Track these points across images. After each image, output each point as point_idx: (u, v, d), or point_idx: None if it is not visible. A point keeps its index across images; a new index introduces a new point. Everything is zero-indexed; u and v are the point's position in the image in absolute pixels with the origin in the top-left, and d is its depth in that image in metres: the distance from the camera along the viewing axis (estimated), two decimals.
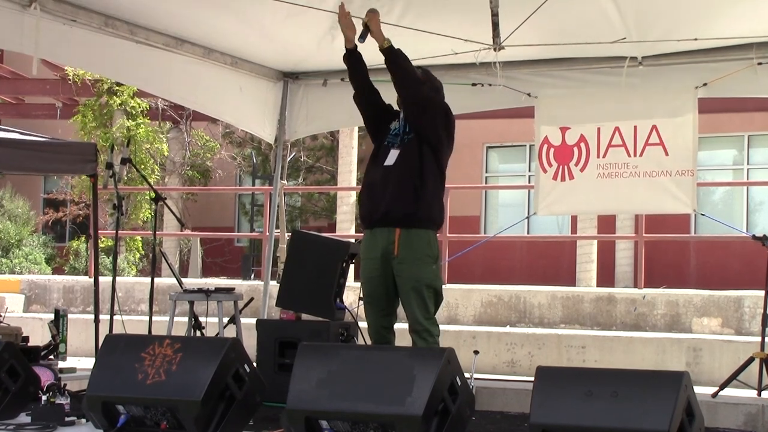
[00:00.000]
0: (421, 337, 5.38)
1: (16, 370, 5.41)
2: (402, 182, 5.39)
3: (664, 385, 3.89)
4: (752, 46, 6.72)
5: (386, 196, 5.40)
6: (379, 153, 5.56)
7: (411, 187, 5.38)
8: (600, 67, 7.24)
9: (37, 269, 16.00)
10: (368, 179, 5.58)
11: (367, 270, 5.52)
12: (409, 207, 5.38)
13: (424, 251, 5.41)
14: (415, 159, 5.42)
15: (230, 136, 19.00)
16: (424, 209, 5.41)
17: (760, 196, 16.72)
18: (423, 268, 5.40)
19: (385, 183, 5.42)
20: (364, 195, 5.61)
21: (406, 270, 5.38)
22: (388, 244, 5.41)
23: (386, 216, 5.40)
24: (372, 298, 5.51)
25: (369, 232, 5.52)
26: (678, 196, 7.15)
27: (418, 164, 5.41)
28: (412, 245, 5.38)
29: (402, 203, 5.37)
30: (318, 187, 18.89)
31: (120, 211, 7.42)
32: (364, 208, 5.59)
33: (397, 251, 5.38)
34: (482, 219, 17.95)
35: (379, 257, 5.44)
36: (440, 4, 6.36)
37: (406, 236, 5.38)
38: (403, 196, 5.37)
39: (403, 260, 5.38)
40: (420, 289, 5.38)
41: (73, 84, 16.02)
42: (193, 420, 4.53)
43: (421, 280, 5.38)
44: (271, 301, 7.99)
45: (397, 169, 5.41)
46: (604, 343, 8.14)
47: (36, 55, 6.09)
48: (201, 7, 6.69)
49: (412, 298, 5.38)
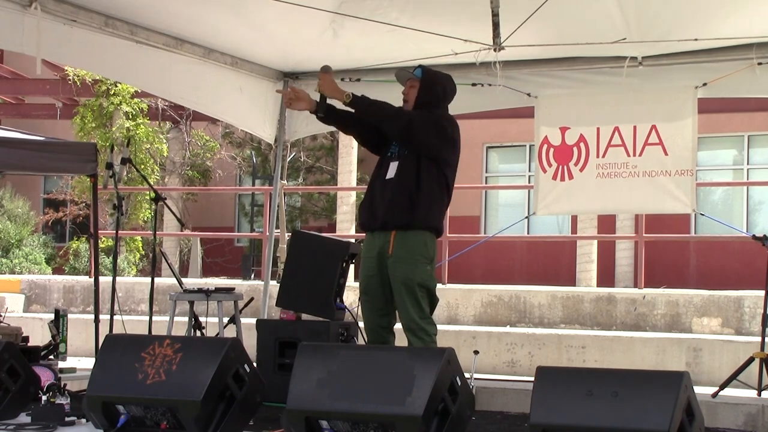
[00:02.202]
0: (417, 336, 5.38)
1: (16, 370, 5.41)
2: (398, 193, 5.45)
3: (664, 385, 3.89)
4: (752, 46, 6.73)
5: (383, 206, 5.48)
6: (381, 165, 5.62)
7: (407, 197, 5.43)
8: (600, 67, 7.25)
9: (37, 269, 15.99)
10: (370, 191, 5.65)
11: (365, 268, 5.59)
12: (406, 215, 5.43)
13: (419, 251, 5.44)
14: (412, 170, 5.47)
15: (230, 137, 19.00)
16: (421, 216, 5.44)
17: (760, 196, 16.71)
18: (416, 267, 5.42)
19: (383, 195, 5.51)
20: (365, 206, 5.66)
21: (399, 268, 5.42)
22: (384, 243, 5.47)
23: (384, 225, 5.49)
24: (368, 296, 5.56)
25: (369, 234, 5.63)
26: (678, 196, 7.15)
27: (415, 175, 5.46)
28: (407, 245, 5.43)
29: (398, 212, 5.43)
30: (318, 187, 18.89)
31: (120, 211, 7.41)
32: (362, 217, 5.68)
33: (391, 250, 5.43)
34: (482, 219, 17.94)
35: (375, 256, 5.50)
36: (440, 4, 6.36)
37: (402, 237, 5.44)
38: (399, 205, 5.44)
39: (396, 259, 5.43)
40: (412, 288, 5.40)
41: (73, 84, 16.02)
42: (193, 420, 4.53)
43: (413, 279, 5.40)
44: (271, 301, 7.99)
45: (395, 182, 5.48)
46: (604, 343, 8.14)
47: (36, 55, 6.09)
48: (201, 7, 6.69)
49: (405, 296, 5.41)
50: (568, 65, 7.33)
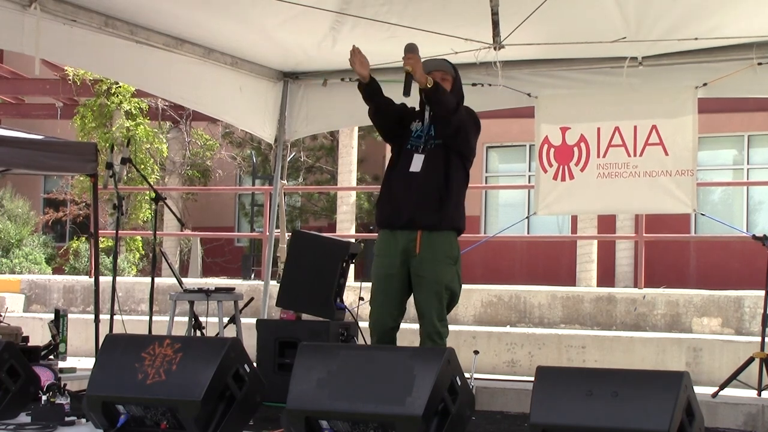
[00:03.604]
0: (432, 339, 5.36)
1: (16, 370, 5.41)
2: (427, 191, 5.35)
3: (664, 385, 3.89)
4: (752, 46, 6.72)
5: (410, 204, 5.36)
6: (400, 156, 5.48)
7: (436, 196, 5.36)
8: (600, 67, 7.24)
9: (37, 269, 15.99)
10: (390, 183, 5.50)
11: (384, 267, 5.45)
12: (433, 216, 5.36)
13: (445, 252, 5.40)
14: (441, 166, 5.39)
15: (230, 136, 19.01)
16: (447, 218, 5.40)
17: (760, 196, 16.71)
18: (443, 269, 5.38)
19: (408, 190, 5.38)
20: (384, 200, 5.52)
21: (427, 270, 5.36)
22: (408, 242, 5.37)
23: (409, 223, 5.38)
24: (386, 296, 5.44)
25: (388, 232, 5.47)
26: (678, 196, 7.15)
27: (444, 172, 5.38)
28: (433, 245, 5.36)
29: (426, 212, 5.34)
30: (318, 187, 18.90)
31: (120, 211, 7.42)
32: (384, 213, 5.51)
33: (418, 249, 5.35)
34: (482, 219, 17.94)
35: (399, 255, 5.39)
36: (440, 3, 6.36)
37: (428, 237, 5.36)
38: (427, 205, 5.35)
39: (423, 259, 5.35)
40: (439, 292, 5.36)
41: (73, 84, 16.02)
42: (193, 420, 4.53)
43: (440, 282, 5.37)
44: (271, 301, 7.99)
45: (423, 177, 5.36)
46: (604, 343, 8.14)
47: (36, 55, 6.09)
48: (201, 7, 6.68)
49: (431, 299, 5.36)
50: (568, 65, 7.33)
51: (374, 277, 5.52)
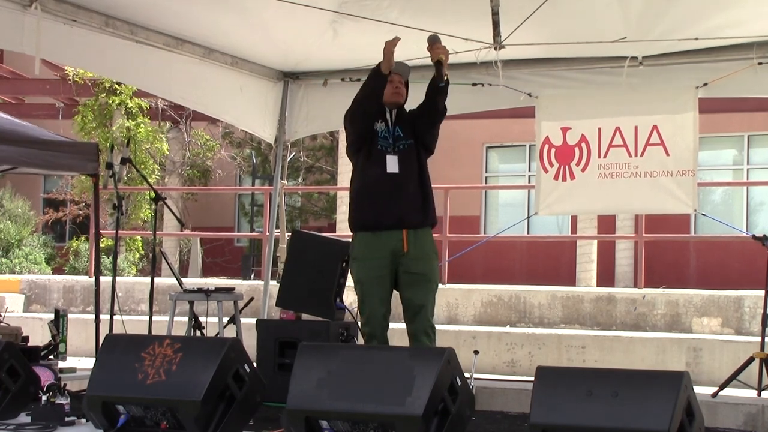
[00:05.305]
0: (427, 335, 5.48)
1: (16, 370, 5.41)
2: (410, 191, 5.52)
3: (664, 385, 3.89)
4: (752, 46, 6.72)
5: (397, 205, 5.48)
6: (372, 157, 5.55)
7: (420, 195, 5.54)
8: (600, 67, 7.25)
9: (37, 269, 15.99)
10: (369, 185, 5.56)
11: (373, 269, 5.49)
12: (419, 215, 5.53)
13: (431, 248, 5.60)
14: (416, 166, 5.56)
15: (230, 136, 19.00)
16: (429, 215, 5.60)
17: (760, 196, 16.71)
18: (433, 264, 5.58)
19: (392, 191, 5.49)
20: (365, 201, 5.58)
21: (419, 267, 5.49)
22: (396, 242, 5.47)
23: (397, 223, 5.49)
24: (381, 299, 5.51)
25: (369, 234, 5.53)
26: (679, 196, 7.15)
27: (419, 171, 5.56)
28: (420, 242, 5.52)
29: (412, 212, 5.51)
30: (318, 187, 18.89)
31: (120, 211, 7.42)
32: (367, 216, 5.56)
33: (406, 248, 5.46)
34: (482, 219, 17.94)
35: (387, 255, 5.48)
36: (440, 2, 6.36)
37: (414, 235, 5.50)
38: (413, 204, 5.51)
39: (414, 257, 5.48)
40: (432, 287, 5.54)
41: (73, 84, 16.02)
42: (193, 420, 4.52)
43: (433, 279, 5.56)
44: (271, 301, 7.99)
45: (403, 177, 5.51)
46: (604, 343, 8.14)
47: (36, 55, 6.09)
48: (201, 7, 6.68)
49: (427, 295, 5.50)
50: (568, 65, 7.33)
51: (363, 281, 5.55)
